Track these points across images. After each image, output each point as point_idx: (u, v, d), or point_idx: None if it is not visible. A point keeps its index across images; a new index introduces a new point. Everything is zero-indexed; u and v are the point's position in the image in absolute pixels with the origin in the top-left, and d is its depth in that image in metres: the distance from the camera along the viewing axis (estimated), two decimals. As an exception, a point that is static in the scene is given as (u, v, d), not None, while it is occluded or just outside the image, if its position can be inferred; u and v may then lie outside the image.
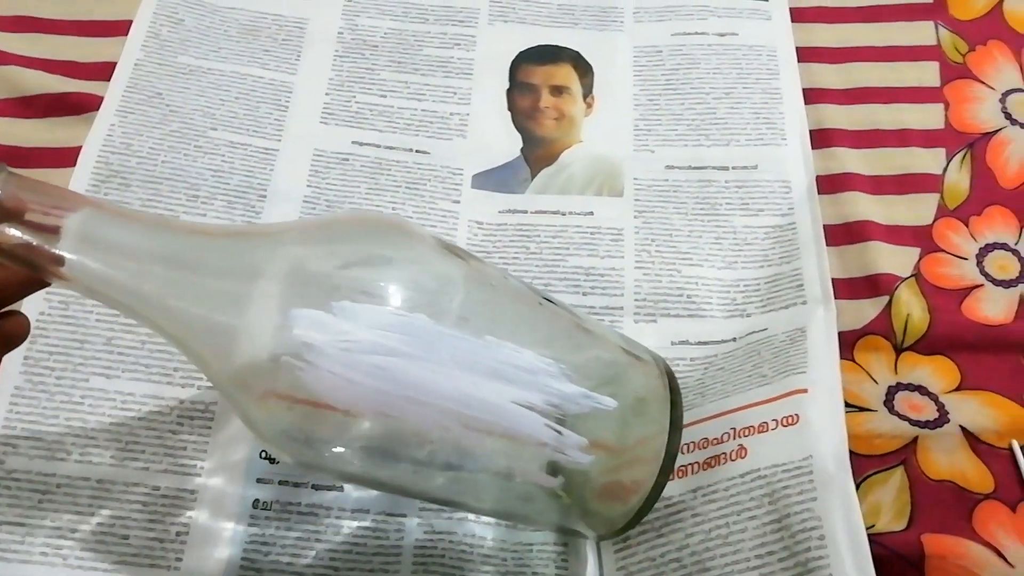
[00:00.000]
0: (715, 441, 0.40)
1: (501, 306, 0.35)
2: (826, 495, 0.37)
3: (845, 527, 0.36)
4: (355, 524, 0.41)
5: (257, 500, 0.41)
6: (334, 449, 0.33)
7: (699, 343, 0.46)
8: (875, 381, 0.44)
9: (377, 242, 0.34)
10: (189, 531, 0.40)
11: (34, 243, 0.29)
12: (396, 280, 0.32)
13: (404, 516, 0.41)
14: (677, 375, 0.38)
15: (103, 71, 0.54)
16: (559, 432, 0.33)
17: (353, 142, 0.52)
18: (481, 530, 0.41)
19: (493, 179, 0.51)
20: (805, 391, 0.40)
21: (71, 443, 0.41)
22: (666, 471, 0.35)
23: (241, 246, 0.32)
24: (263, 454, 0.42)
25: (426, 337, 0.31)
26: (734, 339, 0.45)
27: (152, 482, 0.41)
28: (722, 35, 0.56)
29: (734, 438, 0.40)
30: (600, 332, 0.38)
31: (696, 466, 0.40)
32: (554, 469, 0.34)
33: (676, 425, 0.36)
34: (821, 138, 0.52)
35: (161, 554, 0.39)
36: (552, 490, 0.34)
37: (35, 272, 0.30)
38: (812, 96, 0.54)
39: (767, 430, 0.39)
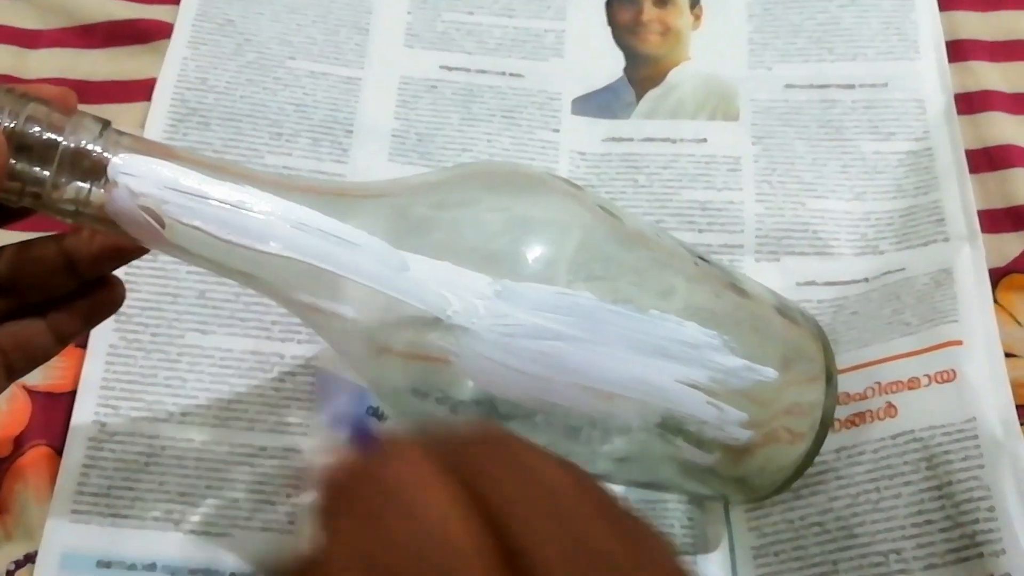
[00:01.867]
0: (857, 396, 0.37)
1: (659, 271, 0.32)
2: (995, 463, 0.34)
3: (1019, 499, 0.34)
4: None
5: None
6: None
7: (827, 283, 0.42)
8: (1020, 324, 0.40)
9: (523, 203, 0.31)
10: (300, 492, 0.38)
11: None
12: (553, 241, 0.30)
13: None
14: (804, 320, 0.35)
15: (167, -6, 0.50)
16: (720, 409, 0.30)
17: (441, 66, 0.48)
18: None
19: (594, 103, 0.47)
20: (960, 343, 0.37)
21: (171, 403, 0.39)
22: (817, 444, 0.33)
23: (374, 208, 0.29)
24: (370, 410, 0.40)
25: (592, 316, 0.29)
26: (866, 279, 0.42)
27: (258, 442, 0.39)
28: (844, -69, 0.50)
29: (880, 394, 0.37)
30: (754, 292, 0.35)
31: (837, 424, 0.37)
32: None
33: (831, 392, 0.33)
34: (956, 51, 0.47)
35: (273, 516, 0.38)
36: (700, 464, 0.32)
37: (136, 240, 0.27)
38: (944, 1, 0.49)
39: (918, 387, 0.36)
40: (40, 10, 0.49)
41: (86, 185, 0.26)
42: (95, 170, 0.25)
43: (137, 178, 0.26)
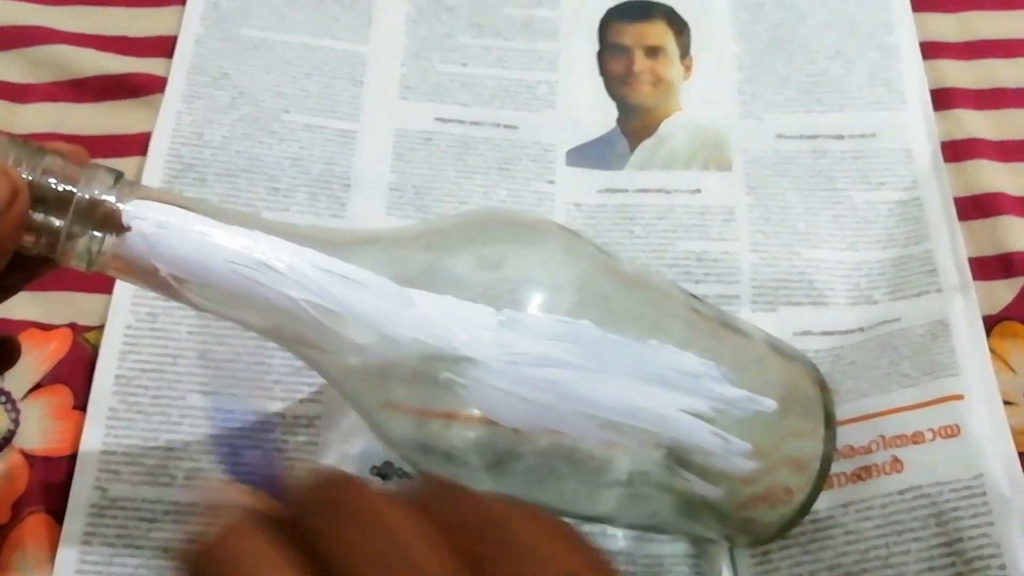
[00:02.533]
0: (862, 450, 0.38)
1: (655, 304, 0.33)
2: (1004, 520, 0.35)
3: None
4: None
5: (372, 519, 0.39)
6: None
7: (823, 333, 0.43)
8: (1013, 371, 0.41)
9: (522, 246, 0.32)
10: (305, 555, 0.38)
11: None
12: (551, 284, 0.31)
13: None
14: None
15: (159, 47, 0.50)
16: (726, 440, 0.31)
17: (436, 118, 0.48)
18: (608, 543, 0.39)
19: (589, 154, 0.48)
20: (961, 397, 0.37)
21: (174, 466, 0.39)
22: (821, 479, 0.33)
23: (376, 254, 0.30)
24: (373, 469, 0.40)
25: (594, 345, 0.29)
26: (861, 329, 0.42)
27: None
28: (830, -16, 0.51)
29: (884, 448, 0.37)
30: (748, 331, 0.36)
31: (843, 477, 0.38)
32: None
33: (831, 429, 0.34)
34: (941, 99, 0.48)
35: (278, 581, 0.38)
36: (706, 499, 0.32)
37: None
38: (929, 51, 0.50)
39: (923, 441, 0.37)
40: (30, 64, 0.49)
41: (100, 234, 0.26)
42: (109, 219, 0.26)
43: (148, 222, 0.26)
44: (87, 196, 0.26)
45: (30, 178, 0.26)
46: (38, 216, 0.26)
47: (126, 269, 0.27)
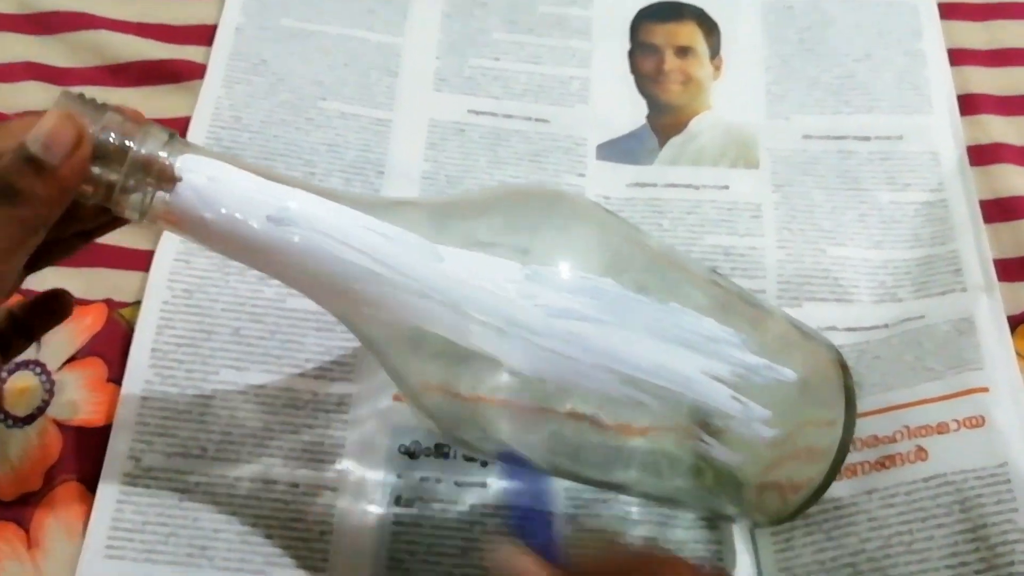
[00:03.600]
0: (886, 439, 0.38)
1: (676, 273, 0.34)
2: (1029, 507, 0.35)
3: None
4: (501, 522, 0.39)
5: (399, 497, 0.39)
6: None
7: (847, 329, 0.43)
8: (1036, 371, 0.41)
9: (546, 211, 0.32)
10: (332, 529, 0.38)
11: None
12: (576, 245, 0.31)
13: (551, 514, 0.39)
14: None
15: (198, 35, 0.51)
16: (745, 405, 0.31)
17: (469, 110, 0.49)
18: (630, 527, 0.39)
19: (619, 149, 0.49)
20: (986, 390, 0.38)
21: (206, 439, 0.40)
22: (840, 457, 0.33)
23: (411, 215, 0.31)
24: (402, 447, 0.40)
25: (615, 302, 0.30)
26: (886, 325, 0.43)
27: (290, 479, 0.39)
28: (859, -11, 0.52)
29: (909, 438, 0.38)
30: (768, 307, 0.37)
31: (867, 465, 0.38)
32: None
33: (851, 411, 0.34)
34: (967, 105, 0.49)
35: (307, 553, 0.38)
36: (726, 468, 0.33)
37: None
38: (956, 58, 0.51)
39: (948, 431, 0.37)
40: (71, 48, 0.50)
41: (153, 188, 0.28)
42: (162, 173, 0.28)
43: (198, 174, 0.28)
44: (142, 151, 0.27)
45: (92, 131, 0.27)
46: (96, 168, 0.27)
47: (177, 221, 0.28)
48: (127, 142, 0.27)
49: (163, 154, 0.28)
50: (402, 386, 0.33)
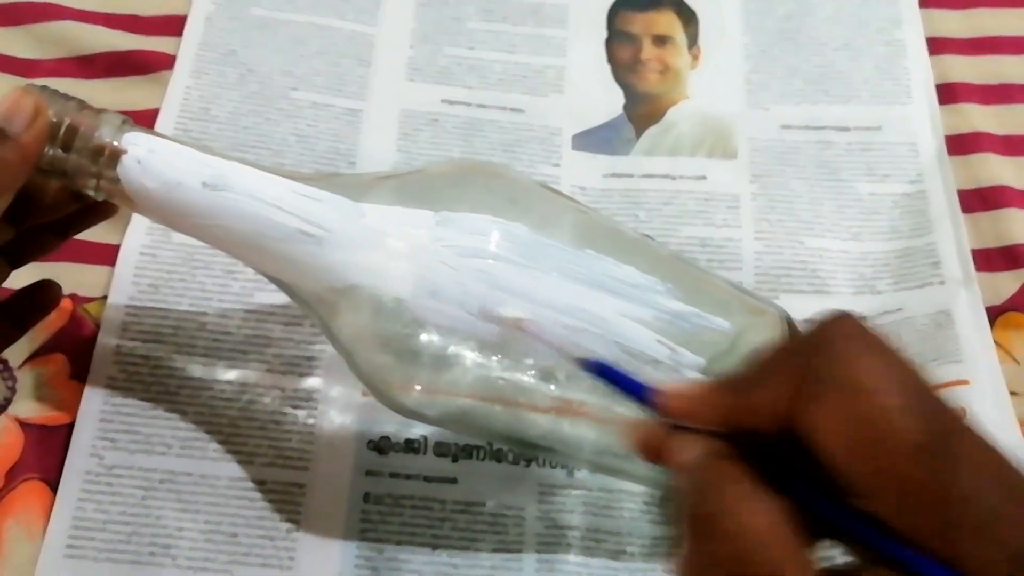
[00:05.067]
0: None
1: (601, 229, 0.34)
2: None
3: None
4: (471, 518, 0.39)
5: (368, 494, 0.39)
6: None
7: (826, 321, 0.43)
8: (1017, 362, 0.41)
9: (471, 175, 0.34)
10: (299, 528, 0.38)
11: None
12: (495, 199, 0.32)
13: (523, 509, 0.39)
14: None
15: (167, 25, 0.50)
16: (672, 350, 0.30)
17: (443, 100, 0.48)
18: (604, 523, 0.39)
19: (595, 139, 0.48)
20: (967, 383, 0.37)
21: (171, 436, 0.39)
22: None
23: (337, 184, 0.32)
24: (371, 444, 0.40)
25: (528, 245, 0.30)
26: (864, 318, 0.42)
27: (257, 476, 0.38)
28: (838, -22, 0.51)
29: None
30: (709, 274, 0.36)
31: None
32: None
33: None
34: (946, 94, 0.49)
35: (272, 552, 0.37)
36: None
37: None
38: (935, 46, 0.50)
39: (927, 426, 0.37)
40: (38, 40, 0.49)
41: (106, 169, 0.31)
42: (113, 153, 0.30)
43: (140, 147, 0.30)
44: (96, 132, 0.30)
45: (50, 114, 0.30)
46: (54, 151, 0.30)
47: (125, 192, 0.31)
48: (81, 126, 0.30)
49: (114, 136, 0.30)
50: (336, 345, 0.33)
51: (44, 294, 0.38)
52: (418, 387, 0.32)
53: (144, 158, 0.30)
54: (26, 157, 0.30)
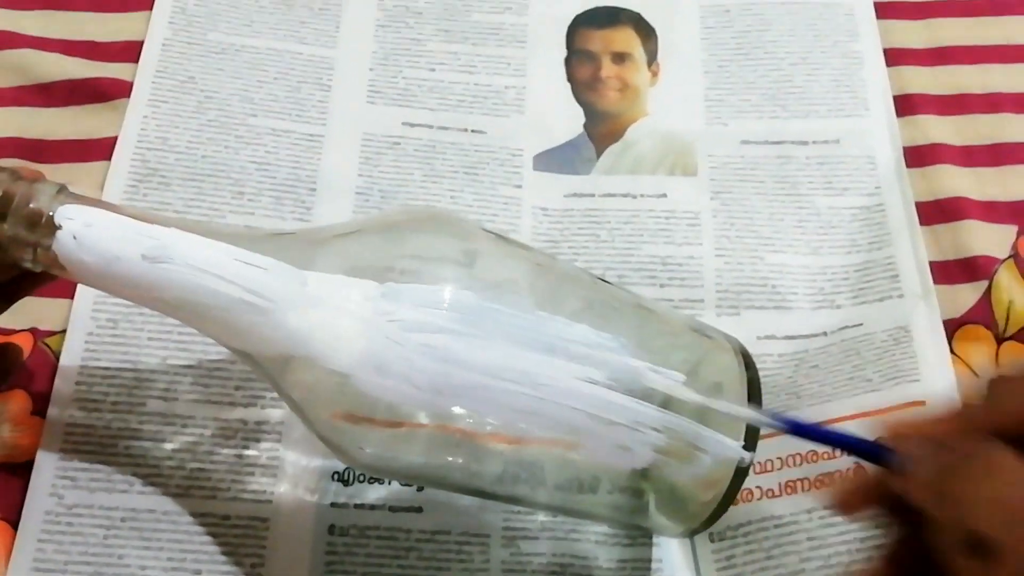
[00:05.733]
0: (826, 456, 0.38)
1: (552, 283, 0.34)
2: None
3: None
4: (437, 547, 0.39)
5: (333, 526, 0.39)
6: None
7: (786, 337, 0.43)
8: (976, 374, 0.41)
9: (414, 228, 0.33)
10: (264, 563, 0.38)
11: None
12: (439, 264, 0.32)
13: (488, 536, 0.39)
14: (765, 373, 0.36)
15: (126, 52, 0.49)
16: (631, 408, 0.30)
17: (404, 123, 0.48)
18: (569, 548, 0.39)
19: (556, 159, 0.48)
20: (923, 403, 0.37)
21: (132, 472, 0.39)
22: (750, 449, 0.31)
23: (282, 246, 0.31)
24: (335, 476, 0.39)
25: (476, 313, 0.30)
26: (824, 333, 0.43)
27: (221, 511, 0.38)
28: (795, -9, 0.51)
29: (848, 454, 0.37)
30: (664, 311, 0.36)
31: (807, 483, 0.38)
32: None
33: (756, 399, 0.33)
34: (904, 105, 0.49)
35: (237, 587, 0.37)
36: (632, 475, 0.32)
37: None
38: (892, 57, 0.50)
39: (884, 446, 0.37)
40: (-4, 68, 0.49)
41: (42, 239, 0.29)
42: (49, 223, 0.29)
43: (76, 222, 0.29)
44: (30, 204, 0.29)
45: None
46: None
47: (63, 266, 0.30)
48: (16, 195, 0.29)
49: (49, 206, 0.29)
50: (288, 402, 0.33)
51: (4, 359, 0.37)
52: (369, 450, 0.31)
53: (80, 232, 0.29)
54: None
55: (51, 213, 0.29)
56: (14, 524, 0.38)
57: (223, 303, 0.29)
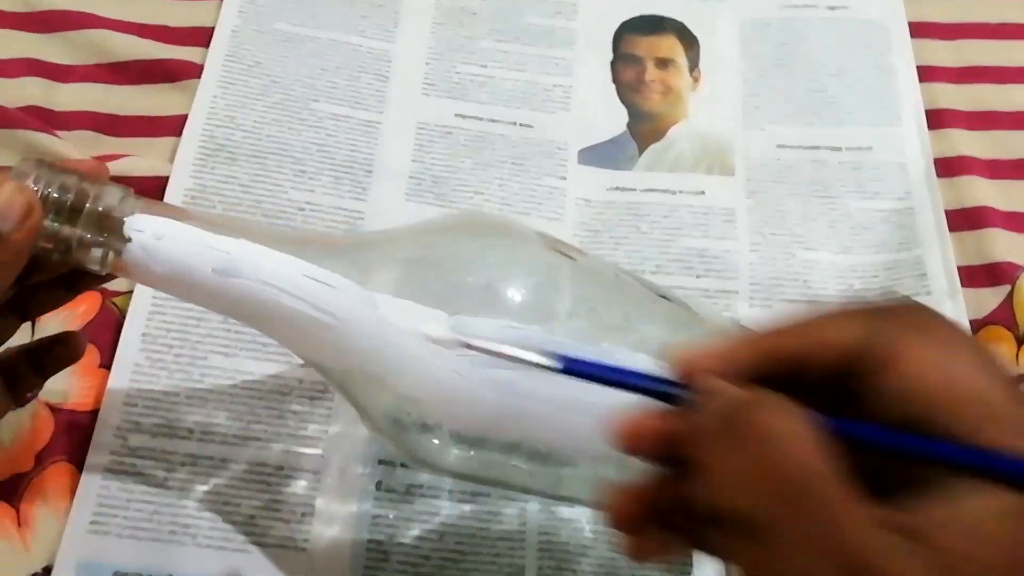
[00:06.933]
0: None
1: (614, 306, 0.35)
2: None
3: None
4: (478, 508, 0.40)
5: (380, 482, 0.40)
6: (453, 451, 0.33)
7: (817, 330, 0.45)
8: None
9: (484, 246, 0.34)
10: (314, 512, 0.40)
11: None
12: (506, 288, 0.32)
13: (526, 501, 0.41)
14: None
15: (196, 36, 0.52)
16: None
17: (456, 114, 0.51)
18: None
19: (600, 154, 0.50)
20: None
21: (192, 422, 0.41)
22: None
23: (351, 260, 0.32)
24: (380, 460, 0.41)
25: (543, 348, 0.30)
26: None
27: (274, 462, 0.40)
28: (832, 8, 0.54)
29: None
30: (714, 324, 0.37)
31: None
32: None
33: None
34: (935, 119, 0.51)
35: (288, 534, 0.39)
36: None
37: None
38: (924, 74, 0.53)
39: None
40: (72, 46, 0.52)
41: (108, 246, 0.30)
42: (115, 231, 0.30)
43: (146, 234, 0.30)
44: (97, 209, 0.29)
45: (49, 192, 0.29)
46: (55, 226, 0.29)
47: (132, 274, 0.30)
48: (83, 201, 0.29)
49: (116, 212, 0.30)
50: (348, 399, 0.34)
51: (67, 349, 0.37)
52: (425, 457, 0.33)
53: (150, 245, 0.29)
54: (17, 254, 0.29)
55: (121, 218, 0.30)
56: (80, 467, 0.40)
57: (292, 317, 0.30)
